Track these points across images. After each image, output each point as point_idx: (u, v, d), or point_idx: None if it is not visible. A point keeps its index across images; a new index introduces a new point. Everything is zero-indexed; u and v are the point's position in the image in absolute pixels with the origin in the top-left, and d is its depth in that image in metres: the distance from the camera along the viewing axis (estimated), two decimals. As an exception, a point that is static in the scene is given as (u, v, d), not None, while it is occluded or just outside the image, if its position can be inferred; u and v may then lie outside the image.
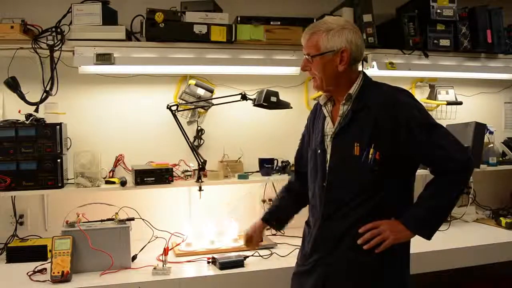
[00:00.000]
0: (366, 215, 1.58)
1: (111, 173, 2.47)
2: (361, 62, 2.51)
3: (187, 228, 2.37)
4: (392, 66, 2.57)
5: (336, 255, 1.61)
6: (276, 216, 1.94)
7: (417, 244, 1.70)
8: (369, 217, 1.58)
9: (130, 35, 2.38)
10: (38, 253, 2.15)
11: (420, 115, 1.57)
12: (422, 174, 2.36)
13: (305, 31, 1.64)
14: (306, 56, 1.63)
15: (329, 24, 1.58)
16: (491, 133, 2.98)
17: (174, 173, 2.39)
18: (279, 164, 2.64)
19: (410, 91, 3.01)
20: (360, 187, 1.58)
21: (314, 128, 1.77)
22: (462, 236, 2.51)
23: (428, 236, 1.61)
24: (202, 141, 2.65)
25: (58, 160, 2.18)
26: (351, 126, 1.59)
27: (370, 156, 1.54)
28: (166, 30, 2.26)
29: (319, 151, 1.67)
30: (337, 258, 1.61)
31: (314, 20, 2.43)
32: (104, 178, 2.39)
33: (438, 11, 2.59)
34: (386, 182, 1.57)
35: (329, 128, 1.66)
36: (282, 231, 2.06)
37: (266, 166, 2.56)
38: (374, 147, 1.54)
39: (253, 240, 1.97)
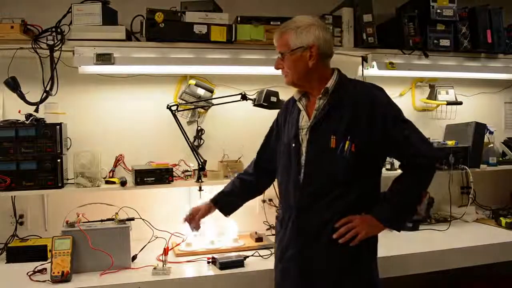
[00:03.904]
0: (342, 211, 1.63)
1: (111, 173, 2.47)
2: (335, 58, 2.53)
3: (187, 228, 2.37)
4: (392, 66, 2.58)
5: (315, 248, 1.66)
6: (226, 200, 1.98)
7: (417, 244, 1.70)
8: (345, 212, 1.64)
9: (130, 35, 2.37)
10: (38, 253, 2.15)
11: (394, 113, 1.66)
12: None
13: (276, 31, 1.72)
14: (279, 55, 1.70)
15: (297, 22, 1.67)
16: (491, 133, 2.98)
17: (174, 173, 2.39)
18: (279, 164, 2.64)
19: (410, 91, 3.05)
20: (336, 180, 1.63)
21: (286, 123, 1.80)
22: (462, 236, 2.51)
23: (399, 229, 1.75)
24: (202, 141, 2.65)
25: (58, 160, 2.18)
26: (328, 120, 1.65)
27: (346, 148, 1.60)
28: (166, 30, 2.26)
29: (293, 144, 1.71)
30: (317, 251, 1.66)
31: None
32: (104, 178, 2.39)
33: (438, 11, 2.59)
34: (359, 180, 1.64)
35: (305, 121, 1.71)
36: (227, 215, 2.04)
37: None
38: (350, 140, 1.60)
39: (195, 218, 1.97)
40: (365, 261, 1.68)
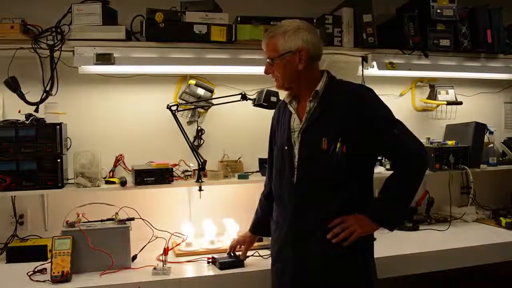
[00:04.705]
0: (335, 211, 1.64)
1: (111, 173, 2.47)
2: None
3: (187, 228, 2.37)
4: (392, 66, 2.58)
5: (309, 249, 1.66)
6: (262, 226, 1.99)
7: (417, 244, 1.70)
8: (338, 212, 1.64)
9: (130, 35, 2.37)
10: (38, 253, 2.15)
11: (386, 114, 1.67)
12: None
13: (264, 37, 1.73)
14: (268, 60, 1.70)
15: (285, 27, 1.67)
16: (491, 133, 2.98)
17: (174, 173, 2.39)
18: (279, 164, 2.64)
19: (410, 91, 3.05)
20: (329, 182, 1.64)
21: (279, 126, 1.82)
22: (462, 236, 2.51)
23: (392, 229, 1.74)
24: (202, 141, 2.65)
25: (58, 160, 2.18)
26: (319, 122, 1.66)
27: (337, 150, 1.60)
28: (166, 30, 2.26)
29: (286, 147, 1.72)
30: (311, 251, 1.66)
31: (314, 20, 2.43)
32: (104, 178, 2.39)
33: (438, 11, 2.59)
34: (352, 180, 1.64)
35: (296, 124, 1.72)
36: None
37: (266, 166, 2.56)
38: (341, 142, 1.60)
39: (242, 250, 2.07)
40: (360, 261, 1.68)
